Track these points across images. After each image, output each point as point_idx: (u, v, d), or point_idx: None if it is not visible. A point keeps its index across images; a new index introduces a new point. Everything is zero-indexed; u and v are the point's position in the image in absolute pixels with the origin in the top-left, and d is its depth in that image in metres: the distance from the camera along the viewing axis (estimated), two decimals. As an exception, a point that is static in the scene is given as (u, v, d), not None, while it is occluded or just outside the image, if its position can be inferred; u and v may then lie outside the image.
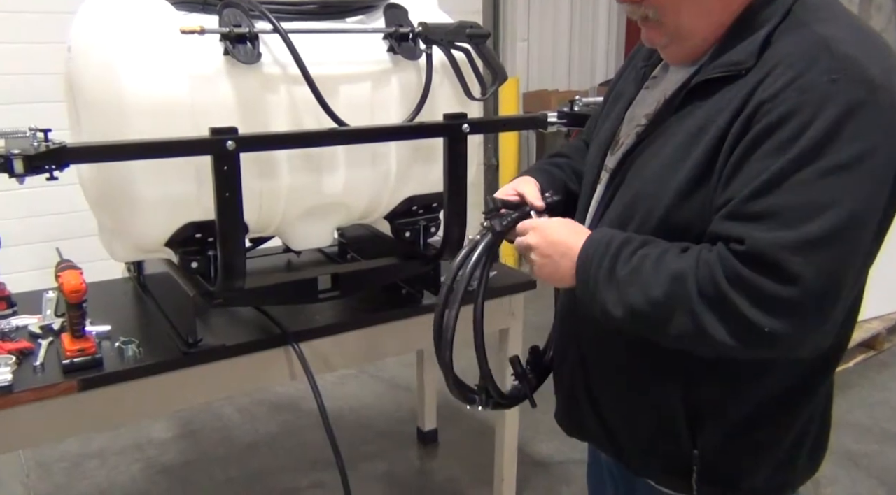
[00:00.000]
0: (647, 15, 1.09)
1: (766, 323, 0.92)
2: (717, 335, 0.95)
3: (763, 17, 1.03)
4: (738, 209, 0.96)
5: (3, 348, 1.67)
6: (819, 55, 0.95)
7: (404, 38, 1.80)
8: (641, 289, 1.01)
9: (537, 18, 4.79)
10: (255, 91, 1.64)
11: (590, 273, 1.07)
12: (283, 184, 1.73)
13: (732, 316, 0.94)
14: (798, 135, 0.92)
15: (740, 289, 0.93)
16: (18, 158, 1.29)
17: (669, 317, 0.99)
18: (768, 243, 0.92)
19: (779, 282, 0.92)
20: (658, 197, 1.05)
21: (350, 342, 1.99)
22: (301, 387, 2.67)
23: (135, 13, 1.57)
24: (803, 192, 0.92)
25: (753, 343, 0.95)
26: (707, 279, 0.96)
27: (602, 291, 1.05)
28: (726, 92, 1.01)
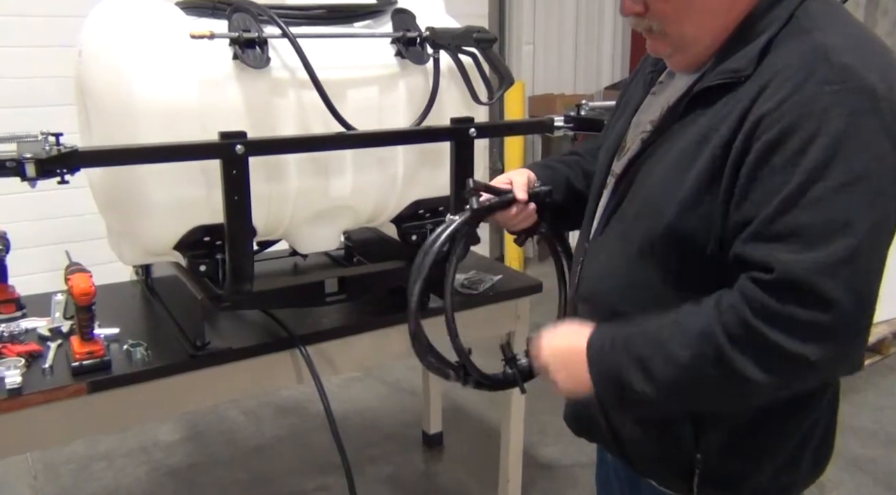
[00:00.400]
0: (651, 27, 1.10)
1: (806, 351, 0.91)
2: (756, 377, 0.93)
3: (764, 23, 1.03)
4: (760, 231, 0.95)
5: (12, 351, 1.68)
6: (818, 65, 0.95)
7: (412, 43, 1.81)
8: (667, 358, 0.99)
9: (543, 22, 4.80)
10: (263, 95, 1.65)
11: (604, 363, 1.05)
12: (291, 188, 1.74)
13: (769, 351, 0.92)
14: (804, 150, 0.92)
15: (773, 322, 0.91)
16: (31, 162, 1.31)
17: (703, 377, 0.97)
18: (796, 267, 0.91)
19: (812, 308, 0.90)
20: (663, 206, 1.05)
21: (356, 345, 2.00)
22: (307, 390, 2.67)
23: (145, 18, 1.58)
24: (822, 210, 0.91)
25: (795, 375, 0.94)
26: (734, 322, 0.94)
27: (625, 374, 1.02)
28: (727, 100, 1.01)
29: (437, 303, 2.09)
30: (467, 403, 3.26)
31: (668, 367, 0.99)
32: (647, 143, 1.14)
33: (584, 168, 1.41)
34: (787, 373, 0.94)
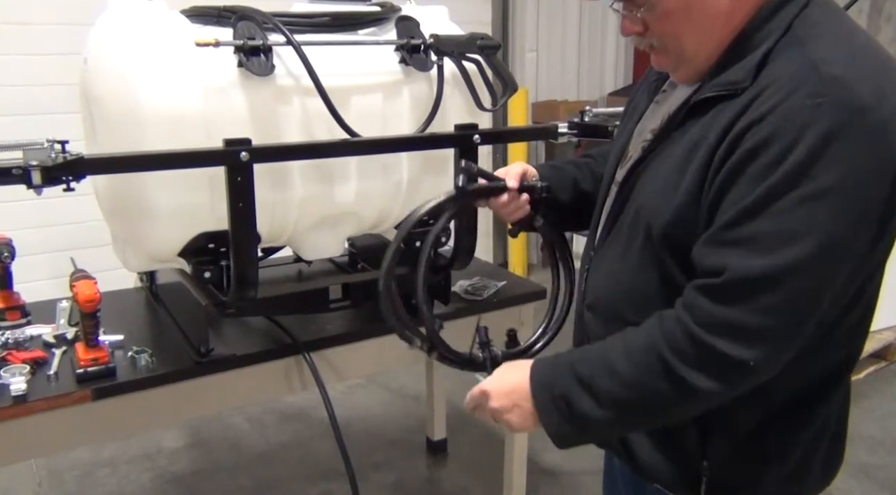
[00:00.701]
0: (653, 44, 1.12)
1: (746, 355, 0.94)
2: (703, 386, 0.97)
3: (762, 34, 1.03)
4: (717, 236, 0.97)
5: (17, 358, 1.69)
6: (806, 78, 0.95)
7: (416, 50, 1.81)
8: (612, 377, 1.02)
9: (546, 29, 4.81)
10: (268, 102, 1.65)
11: (547, 391, 1.07)
12: (295, 195, 1.74)
13: (714, 359, 0.95)
14: (779, 161, 0.93)
15: (716, 329, 0.95)
16: (37, 170, 1.31)
17: (652, 391, 1.00)
18: (744, 271, 0.93)
19: (756, 313, 0.93)
20: (659, 213, 1.06)
21: (360, 352, 2.00)
22: (310, 397, 2.67)
23: (151, 26, 1.59)
24: (780, 220, 0.93)
25: (739, 379, 0.97)
26: (677, 334, 0.97)
27: (575, 402, 1.04)
28: (721, 110, 1.02)
29: (440, 309, 2.11)
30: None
31: (614, 386, 1.02)
32: (646, 151, 1.15)
33: (594, 170, 1.41)
34: (732, 379, 0.97)
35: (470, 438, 3.07)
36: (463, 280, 2.25)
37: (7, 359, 1.68)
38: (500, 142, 4.07)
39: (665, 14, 1.07)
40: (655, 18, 1.08)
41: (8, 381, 1.58)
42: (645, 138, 1.19)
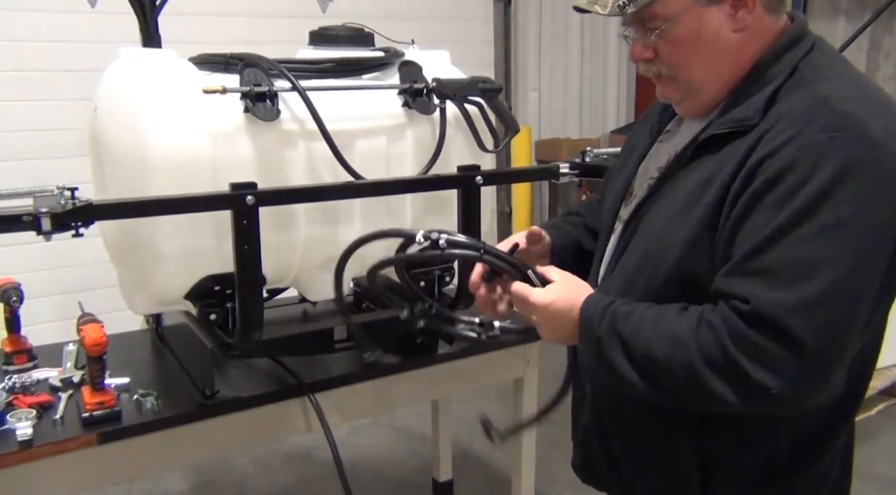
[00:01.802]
0: (661, 72, 1.14)
1: (771, 383, 0.94)
2: (723, 395, 0.97)
3: (770, 74, 1.06)
4: (740, 265, 0.98)
5: (23, 402, 1.69)
6: (819, 113, 0.98)
7: (419, 94, 1.84)
8: (643, 349, 1.02)
9: (548, 68, 4.87)
10: (273, 147, 1.68)
11: (592, 332, 1.07)
12: (300, 237, 1.76)
13: (738, 377, 0.95)
14: (796, 191, 0.95)
15: (745, 351, 0.95)
16: (46, 216, 1.33)
17: (672, 378, 1.00)
18: (770, 303, 0.94)
19: (781, 343, 0.93)
20: (667, 248, 1.07)
21: (366, 392, 1.99)
22: (315, 437, 2.65)
23: (160, 74, 1.63)
24: (802, 250, 0.94)
25: (757, 402, 0.97)
26: (711, 342, 0.97)
27: (607, 350, 1.05)
28: (732, 147, 1.04)
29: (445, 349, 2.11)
30: (477, 450, 3.22)
31: (645, 358, 1.02)
32: (653, 189, 1.16)
33: (588, 226, 1.44)
34: (751, 400, 0.97)
35: (476, 479, 3.04)
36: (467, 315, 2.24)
37: (13, 404, 1.68)
38: (502, 182, 4.11)
39: (677, 41, 1.09)
40: (666, 44, 1.10)
41: (14, 426, 1.58)
42: (651, 176, 1.21)
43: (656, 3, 1.07)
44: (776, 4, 1.09)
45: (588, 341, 1.08)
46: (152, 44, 1.96)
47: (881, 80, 4.62)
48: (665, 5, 1.07)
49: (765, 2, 1.07)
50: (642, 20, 1.10)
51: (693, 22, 1.07)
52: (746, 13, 1.07)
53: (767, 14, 1.08)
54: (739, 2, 1.06)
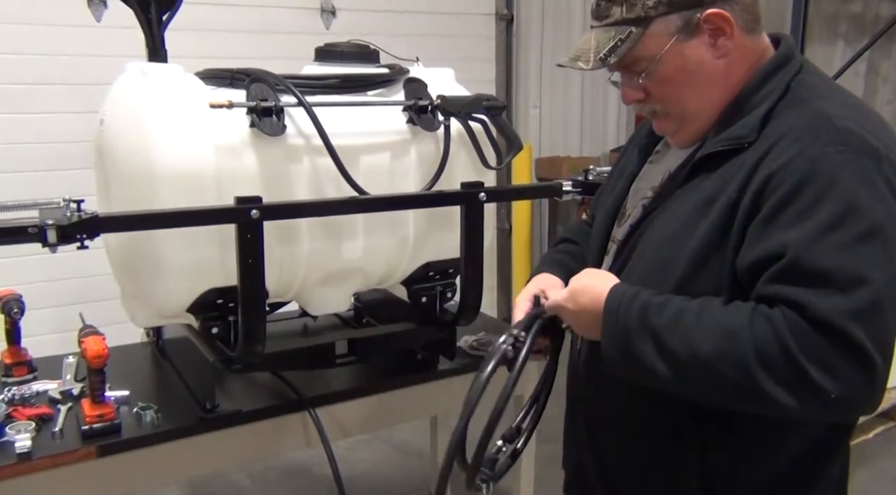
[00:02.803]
0: (655, 109, 1.16)
1: (833, 388, 0.93)
2: (776, 396, 0.95)
3: (760, 95, 1.08)
4: (785, 274, 0.97)
5: (23, 414, 1.68)
6: (822, 128, 1.00)
7: (423, 111, 1.86)
8: (685, 343, 1.00)
9: (549, 86, 4.90)
10: (278, 161, 1.69)
11: (617, 321, 1.06)
12: (303, 251, 1.76)
13: (798, 378, 0.94)
14: (817, 203, 0.96)
15: (809, 353, 0.93)
16: (52, 228, 1.34)
17: (720, 375, 0.98)
18: (830, 309, 0.93)
19: (844, 349, 0.92)
20: (671, 267, 1.08)
21: (366, 407, 1.99)
22: (313, 453, 2.64)
23: (167, 88, 1.63)
24: (845, 257, 0.94)
25: (813, 406, 0.95)
26: (769, 339, 0.95)
27: (636, 342, 1.03)
28: (731, 164, 1.05)
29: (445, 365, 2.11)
30: (476, 467, 3.20)
31: (683, 353, 0.99)
32: (648, 209, 1.17)
33: (585, 255, 1.43)
34: (807, 402, 0.95)
35: (474, 496, 3.02)
36: (468, 335, 2.25)
37: (13, 416, 1.68)
38: (505, 199, 4.12)
39: (664, 79, 1.11)
40: (655, 84, 1.12)
41: (13, 439, 1.57)
42: (645, 196, 1.21)
43: (636, 48, 1.09)
44: (753, 24, 1.11)
45: (613, 332, 1.06)
46: (158, 58, 1.97)
47: (879, 103, 4.65)
48: (645, 48, 1.09)
49: (743, 24, 1.09)
50: (627, 65, 1.13)
51: (676, 58, 1.09)
52: (726, 40, 1.08)
53: (747, 35, 1.10)
54: (717, 30, 1.08)
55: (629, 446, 1.20)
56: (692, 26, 1.07)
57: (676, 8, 1.07)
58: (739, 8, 1.08)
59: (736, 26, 1.08)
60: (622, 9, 1.09)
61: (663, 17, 1.07)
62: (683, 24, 1.07)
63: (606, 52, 1.09)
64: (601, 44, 1.11)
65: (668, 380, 1.02)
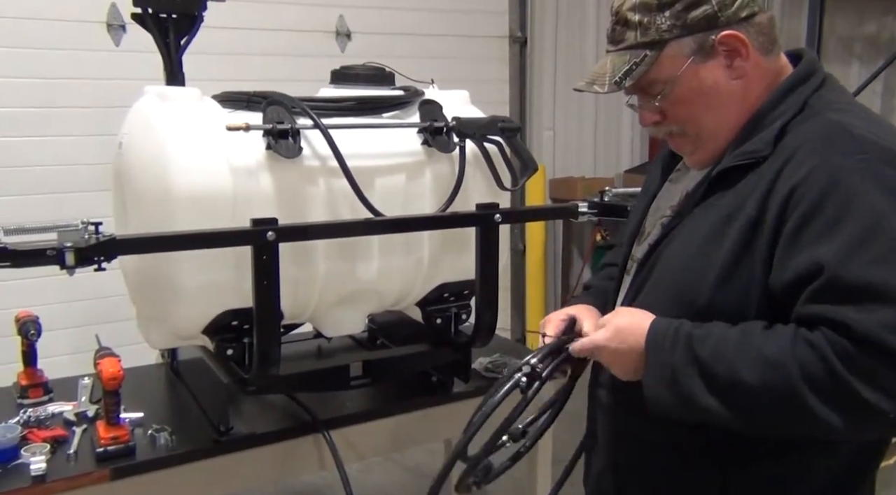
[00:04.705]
0: (672, 130, 1.16)
1: (886, 405, 0.91)
2: (829, 420, 0.93)
3: (777, 112, 1.08)
4: (823, 292, 0.95)
5: (38, 436, 1.69)
6: (840, 138, 1.00)
7: (439, 132, 1.86)
8: (729, 373, 0.98)
9: (563, 107, 4.91)
10: (295, 183, 1.69)
11: (663, 358, 1.04)
12: (318, 272, 1.76)
13: (849, 400, 0.92)
14: (845, 213, 0.95)
15: (857, 372, 0.92)
16: (70, 251, 1.35)
17: (769, 405, 0.97)
18: (874, 324, 0.91)
19: (890, 365, 0.91)
20: (697, 285, 1.07)
21: (379, 430, 1.98)
22: (326, 475, 2.62)
23: (185, 112, 1.65)
24: (881, 270, 0.93)
25: (867, 425, 0.94)
26: (814, 363, 0.94)
27: (683, 377, 1.01)
28: (747, 180, 1.05)
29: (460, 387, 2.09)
30: (489, 489, 3.17)
31: (732, 385, 0.98)
32: (668, 228, 1.17)
33: None
34: (863, 423, 0.94)
35: (489, 521, 2.98)
36: (482, 357, 2.24)
37: (28, 438, 1.68)
38: (520, 221, 4.13)
39: (680, 100, 1.11)
40: (671, 105, 1.12)
41: (28, 461, 1.57)
42: (664, 215, 1.21)
43: (651, 71, 1.10)
44: (770, 45, 1.11)
45: (659, 368, 1.04)
46: (176, 82, 1.99)
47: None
48: (660, 71, 1.10)
49: (758, 45, 1.09)
50: (643, 88, 1.14)
51: (691, 80, 1.09)
52: (742, 61, 1.09)
53: (764, 56, 1.10)
54: (733, 51, 1.08)
55: (650, 472, 1.19)
56: (707, 48, 1.08)
57: (691, 31, 1.07)
58: (755, 30, 1.08)
59: (751, 47, 1.08)
60: (636, 33, 1.10)
61: (677, 39, 1.08)
62: (698, 47, 1.08)
63: (622, 75, 1.10)
64: (616, 67, 1.11)
65: (719, 413, 1.00)
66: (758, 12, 1.09)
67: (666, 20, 1.07)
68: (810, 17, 4.75)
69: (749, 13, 1.08)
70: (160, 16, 1.94)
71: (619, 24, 1.12)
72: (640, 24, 1.09)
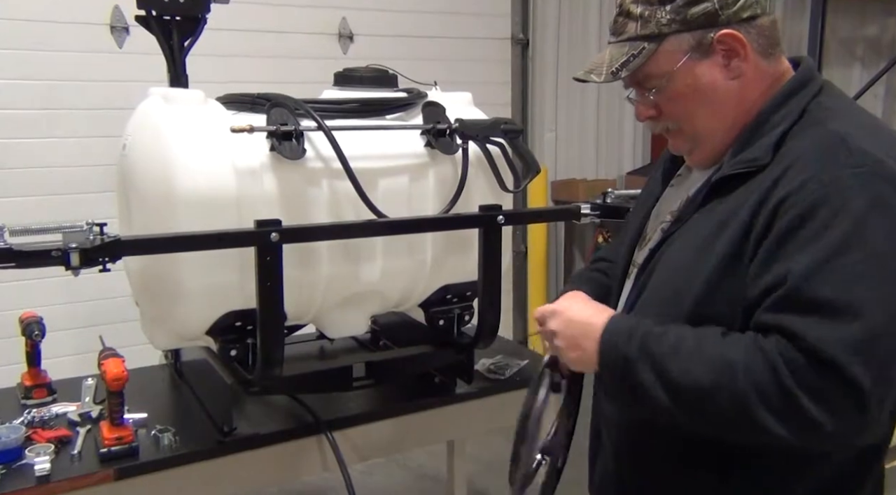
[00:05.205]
0: (668, 127, 1.17)
1: (827, 421, 0.91)
2: (771, 427, 0.94)
3: (777, 118, 1.08)
4: (786, 301, 0.96)
5: (42, 437, 1.69)
6: (837, 150, 0.99)
7: (441, 134, 1.86)
8: (682, 371, 1.00)
9: (565, 109, 4.92)
10: (298, 185, 1.70)
11: (617, 351, 1.06)
12: (322, 274, 1.77)
13: (793, 411, 0.93)
14: (826, 227, 0.95)
15: (804, 386, 0.92)
16: (75, 252, 1.35)
17: (716, 404, 0.97)
18: (827, 340, 0.92)
19: (840, 382, 0.91)
20: (686, 290, 1.07)
21: (382, 431, 1.98)
22: (328, 476, 2.62)
23: (189, 113, 1.66)
24: (847, 286, 0.93)
25: (807, 437, 0.94)
26: (763, 371, 0.94)
27: (636, 370, 1.03)
28: (746, 187, 1.05)
29: (463, 388, 2.10)
30: (492, 490, 3.17)
31: (683, 381, 1.00)
32: (667, 233, 1.17)
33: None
34: (802, 435, 0.94)
35: (491, 522, 2.98)
36: (485, 358, 2.24)
37: (32, 438, 1.69)
38: (523, 222, 4.12)
39: (675, 96, 1.12)
40: (666, 101, 1.13)
41: (32, 461, 1.58)
42: (664, 220, 1.21)
43: (648, 64, 1.10)
44: (771, 49, 1.11)
45: (612, 359, 1.06)
46: (179, 84, 2.00)
47: None
48: (657, 65, 1.10)
49: (758, 48, 1.09)
50: (639, 82, 1.14)
51: (687, 76, 1.09)
52: (740, 61, 1.08)
53: (763, 59, 1.10)
54: (731, 51, 1.08)
55: (648, 470, 1.19)
56: (705, 46, 1.08)
57: (690, 27, 1.08)
58: (755, 31, 1.08)
59: (750, 48, 1.08)
60: (637, 25, 1.10)
61: (676, 35, 1.08)
62: (696, 44, 1.08)
63: (618, 66, 1.11)
64: (615, 58, 1.12)
65: (668, 409, 1.01)
66: (760, 14, 1.09)
67: (666, 14, 1.08)
68: (812, 20, 4.75)
69: (751, 14, 1.08)
70: (164, 18, 1.95)
71: (622, 15, 1.13)
72: (641, 16, 1.10)
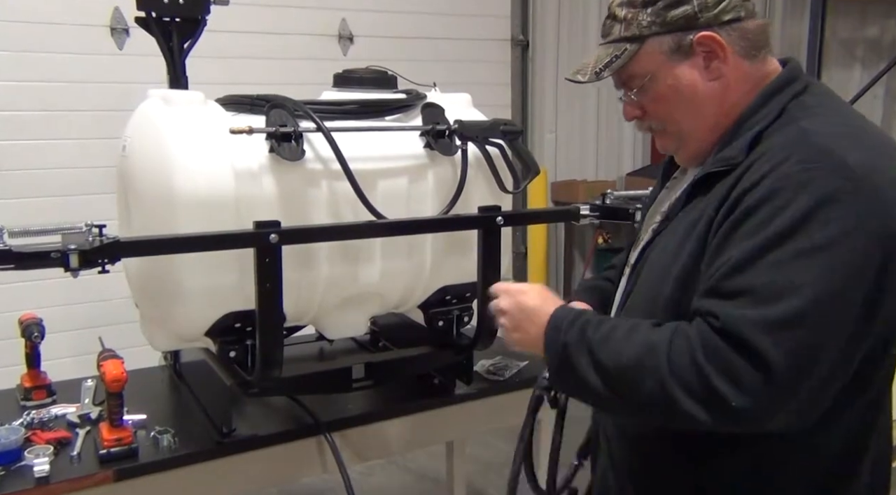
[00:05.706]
0: (651, 126, 1.20)
1: (733, 397, 0.94)
2: (685, 406, 0.97)
3: (757, 117, 1.10)
4: (715, 287, 1.00)
5: (41, 438, 1.69)
6: (797, 147, 1.01)
7: (441, 135, 1.87)
8: (612, 354, 1.04)
9: (565, 111, 4.92)
10: (297, 186, 1.70)
11: (559, 337, 1.11)
12: (321, 275, 1.77)
13: (702, 386, 0.96)
14: (771, 218, 0.97)
15: (713, 361, 0.96)
16: (74, 253, 1.35)
17: (639, 385, 1.01)
18: (739, 321, 0.95)
19: (748, 360, 0.94)
20: (661, 288, 1.10)
21: (382, 432, 1.98)
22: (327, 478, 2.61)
23: (188, 115, 1.66)
24: (775, 272, 0.96)
25: (720, 416, 0.97)
26: (681, 350, 0.99)
27: (573, 355, 1.08)
28: (720, 185, 1.08)
29: (462, 389, 2.10)
30: (491, 491, 3.17)
31: (610, 364, 1.04)
32: (655, 233, 1.21)
33: None
34: (713, 412, 0.97)
35: (491, 523, 2.98)
36: (484, 359, 2.24)
37: (31, 440, 1.69)
38: (522, 223, 4.13)
39: (657, 97, 1.15)
40: (650, 101, 1.16)
41: (31, 463, 1.58)
42: (655, 221, 1.25)
43: (630, 65, 1.14)
44: (754, 51, 1.12)
45: (554, 344, 1.11)
46: (179, 85, 2.00)
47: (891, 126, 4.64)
48: (639, 66, 1.14)
49: (740, 50, 1.11)
50: (624, 82, 1.18)
51: (668, 77, 1.12)
52: (720, 63, 1.10)
53: (746, 61, 1.11)
54: (711, 53, 1.10)
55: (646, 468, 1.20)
56: (685, 48, 1.10)
57: (670, 29, 1.10)
58: (737, 34, 1.10)
59: (730, 51, 1.10)
60: (621, 27, 1.14)
61: (657, 37, 1.11)
62: (676, 46, 1.11)
63: (602, 66, 1.15)
64: (600, 59, 1.16)
65: (599, 392, 1.06)
66: (744, 17, 1.10)
67: (647, 17, 1.11)
68: (812, 21, 4.76)
69: (733, 17, 1.09)
70: (163, 19, 1.95)
71: (610, 17, 1.17)
72: (624, 18, 1.13)
